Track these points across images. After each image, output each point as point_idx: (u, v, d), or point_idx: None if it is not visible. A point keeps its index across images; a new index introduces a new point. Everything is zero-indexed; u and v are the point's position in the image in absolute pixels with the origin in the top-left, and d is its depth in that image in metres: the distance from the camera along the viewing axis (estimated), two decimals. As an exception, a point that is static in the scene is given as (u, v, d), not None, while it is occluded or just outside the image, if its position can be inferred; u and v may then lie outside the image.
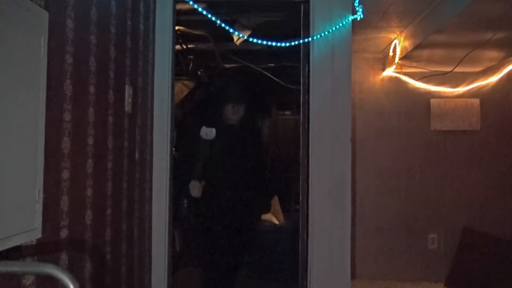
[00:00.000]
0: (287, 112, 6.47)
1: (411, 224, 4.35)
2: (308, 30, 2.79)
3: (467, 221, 4.27)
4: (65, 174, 1.53)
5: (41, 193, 1.34)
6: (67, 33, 1.55)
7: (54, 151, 1.46)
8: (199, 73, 5.34)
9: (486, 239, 3.95)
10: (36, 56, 1.35)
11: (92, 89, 1.76)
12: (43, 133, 1.37)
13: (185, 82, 5.59)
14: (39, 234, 1.32)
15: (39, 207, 1.32)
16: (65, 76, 1.54)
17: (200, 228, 3.63)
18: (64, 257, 1.52)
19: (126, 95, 2.19)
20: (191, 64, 4.88)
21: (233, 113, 3.57)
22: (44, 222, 1.35)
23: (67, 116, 1.55)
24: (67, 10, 1.55)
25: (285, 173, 4.62)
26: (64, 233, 1.51)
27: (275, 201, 4.26)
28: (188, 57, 4.76)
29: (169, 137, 2.77)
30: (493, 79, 4.33)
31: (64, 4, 1.53)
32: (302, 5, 2.84)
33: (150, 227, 2.66)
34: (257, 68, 4.85)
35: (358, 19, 2.78)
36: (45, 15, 1.38)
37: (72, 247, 1.57)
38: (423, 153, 4.36)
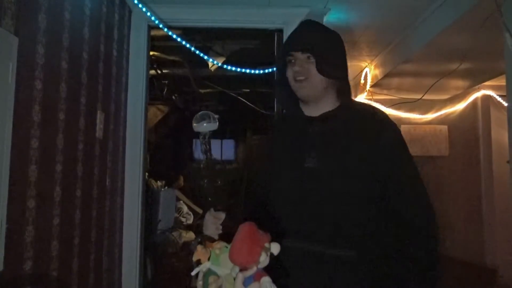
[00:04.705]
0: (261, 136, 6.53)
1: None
2: (282, 58, 2.83)
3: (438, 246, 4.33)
4: (31, 203, 1.48)
5: (4, 223, 1.28)
6: (37, 59, 1.52)
7: (20, 179, 1.41)
8: (174, 97, 5.35)
9: (456, 264, 4.01)
10: (4, 82, 1.31)
11: (62, 115, 1.73)
12: (8, 161, 1.33)
13: (160, 106, 5.58)
14: (0, 267, 1.26)
15: (1, 239, 1.26)
16: (34, 102, 1.50)
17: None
18: (27, 290, 1.45)
19: (98, 121, 2.15)
20: (165, 89, 4.88)
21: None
22: (6, 254, 1.29)
23: (35, 143, 1.51)
24: (38, 36, 1.53)
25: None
26: (28, 265, 1.44)
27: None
28: (163, 82, 4.76)
29: (141, 163, 2.72)
30: (460, 106, 4.50)
31: (35, 29, 1.51)
32: (275, 34, 2.89)
33: (120, 256, 2.58)
34: (232, 94, 4.88)
35: (330, 48, 2.85)
36: (15, 40, 1.36)
37: (36, 280, 1.50)
38: (394, 178, 4.43)
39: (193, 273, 0.92)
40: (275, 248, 0.85)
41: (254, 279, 0.80)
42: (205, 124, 1.57)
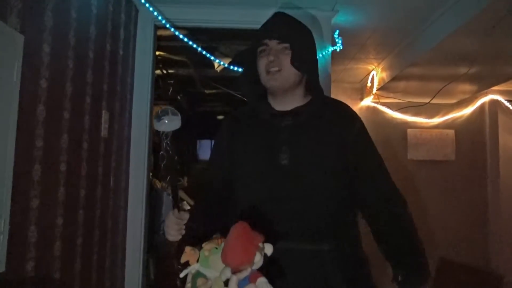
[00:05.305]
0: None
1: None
2: (288, 60, 2.82)
3: (443, 251, 4.29)
4: (34, 203, 1.47)
5: (7, 223, 1.27)
6: (43, 57, 1.52)
7: (23, 179, 1.40)
8: (178, 98, 5.33)
9: (461, 269, 3.97)
10: (9, 80, 1.30)
11: (66, 114, 1.72)
12: (12, 160, 1.32)
13: (165, 106, 5.57)
14: (2, 268, 1.24)
15: (4, 239, 1.25)
16: (39, 101, 1.49)
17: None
18: (29, 291, 1.44)
19: (103, 120, 2.14)
20: (170, 89, 4.87)
21: None
22: (8, 254, 1.27)
23: (39, 142, 1.50)
24: (44, 34, 1.52)
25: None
26: (30, 266, 1.43)
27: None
28: (168, 82, 4.74)
29: (146, 163, 2.71)
30: (467, 111, 4.46)
31: (41, 28, 1.50)
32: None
33: (123, 256, 2.57)
34: (237, 95, 4.86)
35: (338, 50, 2.83)
36: (21, 38, 1.35)
37: (39, 280, 1.49)
38: (399, 182, 4.35)
39: (181, 275, 0.89)
40: (269, 249, 0.82)
41: (250, 280, 0.76)
42: (166, 122, 1.38)
